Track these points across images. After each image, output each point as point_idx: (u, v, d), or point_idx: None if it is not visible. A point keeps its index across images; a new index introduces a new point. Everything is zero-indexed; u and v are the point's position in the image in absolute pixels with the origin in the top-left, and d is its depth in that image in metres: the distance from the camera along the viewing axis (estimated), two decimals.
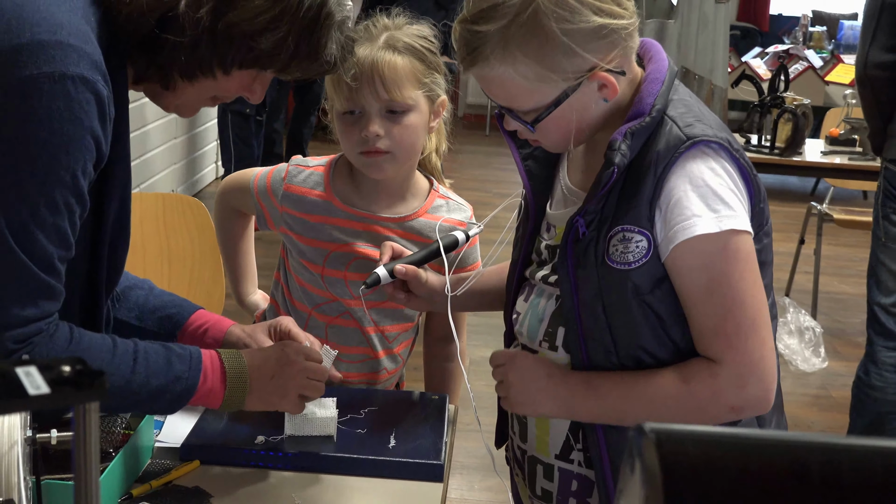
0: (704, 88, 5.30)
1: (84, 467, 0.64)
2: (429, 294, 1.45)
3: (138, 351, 1.20)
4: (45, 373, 0.63)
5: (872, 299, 2.63)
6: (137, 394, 1.19)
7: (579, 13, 1.16)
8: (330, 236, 1.60)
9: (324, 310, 1.63)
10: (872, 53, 2.44)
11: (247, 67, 1.19)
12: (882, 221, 2.58)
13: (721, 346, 1.18)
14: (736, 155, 1.22)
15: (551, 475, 1.34)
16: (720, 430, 0.51)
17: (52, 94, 1.04)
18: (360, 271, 1.57)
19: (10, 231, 1.06)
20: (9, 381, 0.61)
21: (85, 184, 1.11)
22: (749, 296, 1.19)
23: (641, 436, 0.51)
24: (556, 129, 1.23)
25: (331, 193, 1.62)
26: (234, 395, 1.26)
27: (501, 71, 1.19)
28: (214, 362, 1.26)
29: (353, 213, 1.61)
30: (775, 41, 8.88)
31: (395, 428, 1.43)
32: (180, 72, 1.17)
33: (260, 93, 1.26)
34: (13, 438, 1.00)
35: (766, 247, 1.27)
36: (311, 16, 1.18)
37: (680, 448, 0.49)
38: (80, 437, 0.64)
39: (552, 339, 1.30)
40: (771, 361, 1.20)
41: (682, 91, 1.28)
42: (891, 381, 2.60)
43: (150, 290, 1.44)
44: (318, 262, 1.61)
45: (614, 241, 1.21)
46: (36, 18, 1.06)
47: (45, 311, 1.11)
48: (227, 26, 1.14)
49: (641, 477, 0.50)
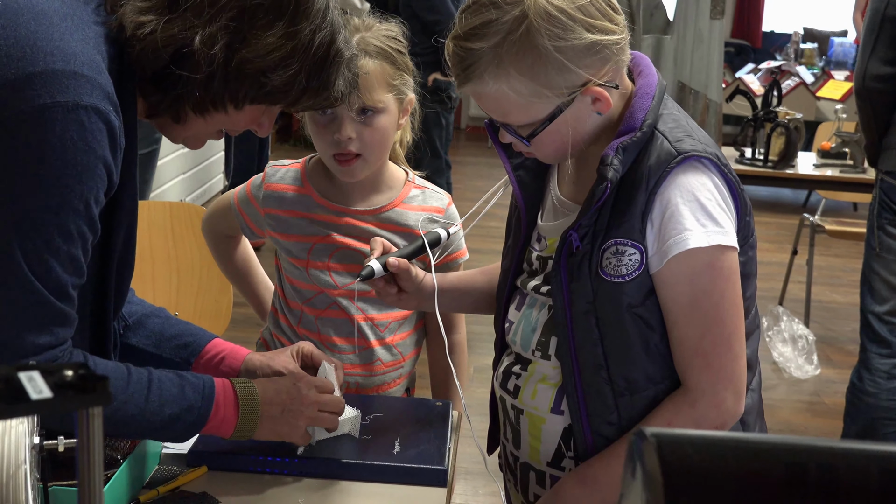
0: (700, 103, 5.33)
1: (88, 472, 0.64)
2: (417, 290, 1.45)
3: (152, 380, 1.21)
4: (48, 377, 0.62)
5: (866, 307, 2.65)
6: (151, 422, 1.20)
7: (572, 30, 1.17)
8: (311, 230, 1.64)
9: (313, 303, 1.66)
10: (872, 66, 2.47)
11: (258, 102, 1.20)
12: (877, 231, 2.60)
13: (698, 364, 1.22)
14: (724, 170, 1.24)
15: (543, 482, 1.36)
16: (720, 435, 0.52)
17: (66, 123, 1.05)
18: (342, 262, 1.62)
19: (24, 259, 1.07)
20: (12, 385, 0.61)
21: (97, 211, 1.12)
22: (728, 314, 1.22)
23: (642, 440, 0.52)
24: (551, 143, 1.25)
25: (309, 188, 1.66)
26: (245, 425, 1.28)
27: (495, 88, 1.20)
28: (227, 392, 1.28)
29: (330, 207, 1.65)
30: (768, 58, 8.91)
31: (399, 434, 1.45)
32: (193, 106, 1.18)
33: (267, 126, 1.28)
34: (20, 445, 1.01)
35: (750, 259, 1.29)
36: (322, 53, 1.20)
37: (680, 452, 0.51)
38: (83, 442, 0.64)
39: (545, 348, 1.32)
40: (742, 374, 1.25)
41: (672, 105, 1.30)
42: (884, 387, 2.63)
43: (167, 319, 1.45)
44: (302, 257, 1.64)
45: (607, 255, 1.23)
46: (50, 48, 1.06)
47: (59, 339, 1.12)
48: (240, 63, 1.15)
49: (643, 481, 0.52)
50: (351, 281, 1.60)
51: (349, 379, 1.65)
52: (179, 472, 1.35)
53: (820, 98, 7.30)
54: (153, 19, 1.12)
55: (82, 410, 0.63)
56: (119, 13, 1.14)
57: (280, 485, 1.33)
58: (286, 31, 1.16)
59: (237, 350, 1.45)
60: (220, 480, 1.34)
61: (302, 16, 1.17)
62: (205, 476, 1.35)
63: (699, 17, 5.29)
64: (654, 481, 0.50)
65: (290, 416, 1.31)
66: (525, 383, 1.35)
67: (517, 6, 1.17)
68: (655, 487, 0.49)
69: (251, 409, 1.29)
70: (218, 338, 1.47)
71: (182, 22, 1.13)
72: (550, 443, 1.33)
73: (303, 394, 1.33)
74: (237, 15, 1.14)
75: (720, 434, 0.53)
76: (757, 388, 1.37)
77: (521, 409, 1.36)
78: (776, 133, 4.14)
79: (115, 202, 1.18)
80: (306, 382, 1.35)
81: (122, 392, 1.18)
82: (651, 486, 0.50)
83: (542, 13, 1.16)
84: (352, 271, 1.62)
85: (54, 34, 1.08)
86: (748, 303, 1.30)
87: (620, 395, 1.26)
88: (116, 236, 1.21)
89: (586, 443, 1.28)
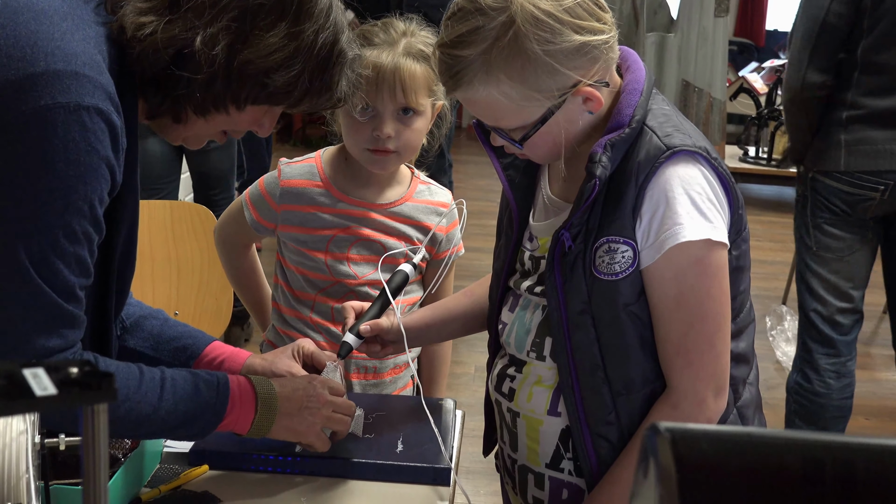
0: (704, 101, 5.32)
1: (93, 470, 0.63)
2: (397, 337, 1.48)
3: (165, 378, 1.20)
4: (53, 374, 0.61)
5: (807, 306, 2.69)
6: (165, 421, 1.19)
7: (560, 33, 1.16)
8: (332, 222, 1.70)
9: (329, 293, 1.71)
10: (810, 75, 2.51)
11: (260, 103, 1.20)
12: (813, 231, 2.64)
13: (680, 363, 1.22)
14: (715, 163, 1.23)
15: (542, 484, 1.35)
16: (735, 429, 0.51)
17: (68, 124, 1.04)
18: (360, 252, 1.70)
19: (30, 262, 1.06)
20: (16, 382, 0.60)
21: (101, 211, 1.11)
22: (712, 312, 1.22)
23: (656, 435, 0.51)
24: (544, 144, 1.24)
25: (328, 183, 1.71)
26: (262, 421, 1.28)
27: (485, 93, 1.19)
28: (244, 388, 1.27)
29: (349, 202, 1.70)
30: (771, 56, 8.91)
31: (402, 432, 1.45)
32: (194, 107, 1.17)
33: (269, 127, 1.27)
34: (21, 443, 1.00)
35: (743, 252, 1.29)
36: (325, 54, 1.19)
37: (695, 446, 0.50)
38: (88, 440, 0.62)
39: (539, 349, 1.31)
40: (724, 372, 1.25)
41: (660, 100, 1.29)
42: (834, 386, 2.67)
43: (165, 321, 1.44)
44: (320, 248, 1.69)
45: (600, 253, 1.22)
46: (50, 48, 1.06)
47: (68, 341, 1.11)
48: (242, 64, 1.14)
49: (656, 476, 0.51)
50: (371, 270, 1.68)
51: (367, 363, 1.71)
52: (181, 470, 1.34)
53: None
54: (154, 20, 1.12)
55: (87, 407, 0.62)
56: (119, 14, 1.13)
57: (282, 483, 1.33)
58: (288, 31, 1.15)
59: (237, 353, 1.44)
60: (222, 479, 1.33)
61: (305, 16, 1.16)
62: (206, 475, 1.34)
63: (703, 15, 5.29)
64: (668, 476, 0.49)
65: (307, 413, 1.31)
66: (520, 386, 1.34)
67: (503, 12, 1.16)
68: (669, 482, 0.49)
69: (269, 406, 1.28)
70: (217, 340, 1.46)
71: (183, 23, 1.12)
72: (548, 444, 1.32)
73: (319, 392, 1.33)
74: (239, 15, 1.13)
75: (735, 429, 0.52)
76: (755, 382, 1.37)
77: (518, 412, 1.35)
78: (780, 132, 4.13)
79: (118, 202, 1.17)
80: (321, 382, 1.35)
81: (134, 392, 1.16)
82: (665, 482, 0.49)
83: (529, 18, 1.15)
84: (369, 261, 1.69)
85: (55, 33, 1.07)
86: (742, 297, 1.30)
87: (618, 395, 1.25)
88: (118, 236, 1.20)
89: (585, 444, 1.27)
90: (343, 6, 1.24)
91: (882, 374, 3.97)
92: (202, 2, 1.12)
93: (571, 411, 1.27)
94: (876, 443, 0.51)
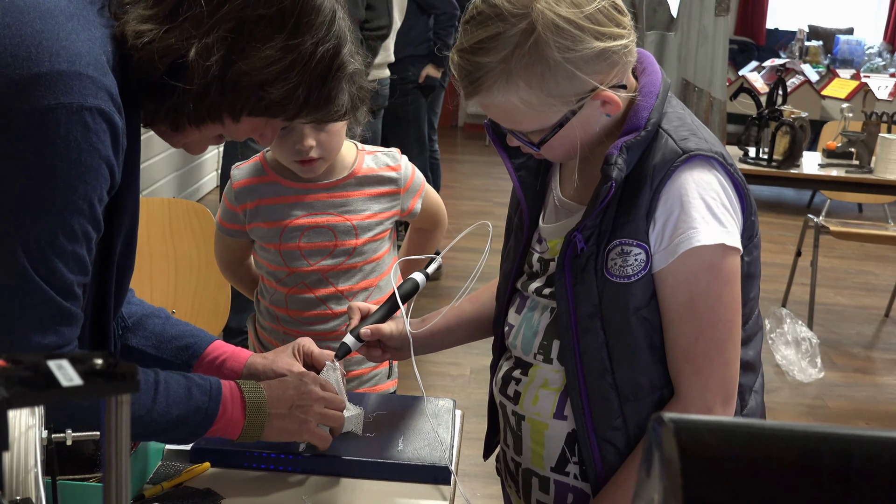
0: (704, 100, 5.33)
1: (115, 460, 0.64)
2: (400, 344, 1.48)
3: (159, 381, 1.21)
4: (78, 365, 0.62)
5: None
6: (157, 423, 1.20)
7: (581, 40, 1.15)
8: (281, 214, 1.75)
9: (285, 283, 1.77)
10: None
11: (256, 115, 1.18)
12: None
13: (689, 370, 1.22)
14: (730, 169, 1.23)
15: (547, 488, 1.34)
16: (737, 421, 0.52)
17: (70, 124, 1.05)
18: (311, 240, 1.75)
19: (28, 259, 1.07)
20: (42, 373, 0.61)
21: (100, 210, 1.12)
22: (724, 318, 1.21)
23: (660, 425, 0.52)
24: (561, 146, 1.25)
25: (273, 175, 1.77)
26: (252, 425, 1.28)
27: (504, 99, 1.19)
28: (234, 393, 1.27)
29: (298, 188, 1.75)
30: (772, 55, 8.92)
31: (402, 431, 1.45)
32: (188, 117, 1.17)
33: (270, 137, 1.26)
34: (29, 438, 1.01)
35: (755, 259, 1.28)
36: (323, 67, 1.17)
37: (698, 437, 0.51)
38: (111, 430, 0.64)
39: (547, 351, 1.31)
40: (732, 380, 1.24)
41: (676, 103, 1.29)
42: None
43: (167, 320, 1.44)
44: (274, 241, 1.75)
45: (613, 255, 1.22)
46: (55, 47, 1.06)
47: (65, 338, 1.12)
48: (237, 75, 1.13)
49: (660, 466, 0.52)
50: (321, 258, 1.73)
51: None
52: (183, 468, 1.35)
53: (825, 97, 7.29)
54: (153, 28, 1.11)
55: (111, 398, 0.63)
56: (122, 20, 1.13)
57: (283, 482, 1.33)
58: (286, 43, 1.14)
59: (239, 352, 1.44)
60: (224, 477, 1.34)
61: (304, 28, 1.15)
62: (208, 473, 1.35)
63: (703, 14, 5.29)
64: (671, 466, 0.50)
65: (299, 412, 1.31)
66: (526, 389, 1.34)
67: (524, 18, 1.15)
68: (673, 472, 0.50)
69: (258, 410, 1.28)
70: (219, 339, 1.46)
71: (180, 32, 1.11)
72: (554, 448, 1.32)
73: (310, 388, 1.33)
74: (236, 27, 1.12)
75: (737, 420, 0.54)
76: (760, 391, 1.36)
77: (523, 416, 1.34)
78: (781, 132, 4.12)
79: (118, 202, 1.17)
80: (312, 379, 1.36)
81: None
82: (669, 472, 0.50)
83: (550, 25, 1.14)
84: (320, 248, 1.74)
85: (60, 33, 1.07)
86: (752, 304, 1.30)
87: (626, 400, 1.25)
88: (118, 235, 1.21)
89: (591, 448, 1.27)
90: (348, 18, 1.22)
91: (883, 379, 3.97)
92: (200, 12, 1.11)
93: (578, 415, 1.27)
94: (870, 434, 0.52)
